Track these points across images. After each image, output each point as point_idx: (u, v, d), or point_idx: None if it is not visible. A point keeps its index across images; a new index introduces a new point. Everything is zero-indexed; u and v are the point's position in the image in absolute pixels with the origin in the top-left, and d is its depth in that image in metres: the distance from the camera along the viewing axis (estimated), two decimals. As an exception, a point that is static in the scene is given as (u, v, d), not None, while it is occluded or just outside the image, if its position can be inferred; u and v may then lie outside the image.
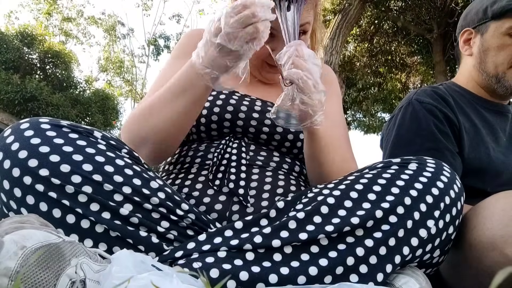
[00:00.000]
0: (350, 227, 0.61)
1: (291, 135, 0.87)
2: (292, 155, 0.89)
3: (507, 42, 1.03)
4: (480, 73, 1.09)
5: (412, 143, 1.00)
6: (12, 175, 0.57)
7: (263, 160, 0.84)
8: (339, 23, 5.04)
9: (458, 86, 1.14)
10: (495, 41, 1.04)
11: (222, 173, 0.79)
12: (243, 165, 0.80)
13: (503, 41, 1.03)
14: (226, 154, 0.82)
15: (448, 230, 0.67)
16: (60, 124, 0.64)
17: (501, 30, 1.04)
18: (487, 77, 1.07)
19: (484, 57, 1.07)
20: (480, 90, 1.11)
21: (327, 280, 0.58)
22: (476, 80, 1.11)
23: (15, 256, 0.44)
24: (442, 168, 0.70)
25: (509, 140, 1.09)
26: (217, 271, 0.56)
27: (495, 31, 1.05)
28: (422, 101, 1.04)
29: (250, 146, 0.86)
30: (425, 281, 0.62)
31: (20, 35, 12.54)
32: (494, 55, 1.05)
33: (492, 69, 1.05)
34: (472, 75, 1.12)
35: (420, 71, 8.08)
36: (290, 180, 0.83)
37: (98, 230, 0.59)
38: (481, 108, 1.09)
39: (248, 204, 0.75)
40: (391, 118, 1.13)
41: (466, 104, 1.08)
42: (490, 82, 1.07)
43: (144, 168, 0.68)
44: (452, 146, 0.99)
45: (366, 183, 0.67)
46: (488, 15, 1.07)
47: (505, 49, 1.03)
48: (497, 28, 1.05)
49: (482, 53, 1.07)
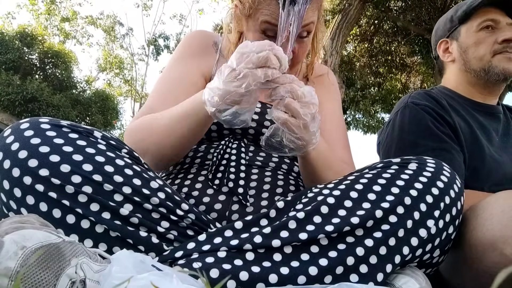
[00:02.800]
0: (350, 227, 0.61)
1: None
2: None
3: (481, 36, 1.09)
4: (467, 73, 1.12)
5: (417, 145, 1.01)
6: (12, 175, 0.57)
7: (263, 160, 0.84)
8: (339, 23, 5.04)
9: (449, 90, 1.16)
10: (471, 39, 1.10)
11: (221, 172, 0.79)
12: (242, 165, 0.80)
13: (478, 36, 1.09)
14: (225, 154, 0.82)
15: (448, 230, 0.67)
16: (60, 124, 0.64)
17: (472, 30, 1.10)
18: (475, 74, 1.10)
19: (466, 57, 1.12)
20: (471, 91, 1.13)
21: (327, 280, 0.58)
22: (466, 82, 1.14)
23: (15, 256, 0.45)
24: (442, 167, 0.70)
25: (501, 140, 1.10)
26: (217, 271, 0.56)
27: (467, 32, 1.12)
28: (418, 103, 1.06)
29: (250, 147, 0.86)
30: (425, 281, 0.62)
31: (20, 35, 12.55)
32: (474, 51, 1.10)
33: (477, 64, 1.09)
34: (459, 78, 1.15)
35: (420, 71, 8.08)
36: (289, 180, 0.83)
37: (98, 230, 0.59)
38: (473, 110, 1.11)
39: (248, 203, 0.75)
40: (388, 123, 1.14)
41: (459, 106, 1.10)
42: (480, 77, 1.10)
43: (144, 168, 0.68)
44: (456, 144, 1.00)
45: (366, 183, 0.67)
46: (456, 22, 1.15)
47: (482, 42, 1.08)
48: (468, 29, 1.12)
49: (463, 54, 1.13)
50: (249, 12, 0.82)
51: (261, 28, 0.82)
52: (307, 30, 0.84)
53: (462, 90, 1.14)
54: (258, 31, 0.83)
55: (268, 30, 0.82)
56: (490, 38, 1.07)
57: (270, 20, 0.80)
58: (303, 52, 0.89)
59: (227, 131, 0.87)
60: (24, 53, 12.60)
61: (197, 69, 0.94)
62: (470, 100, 1.13)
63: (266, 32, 0.82)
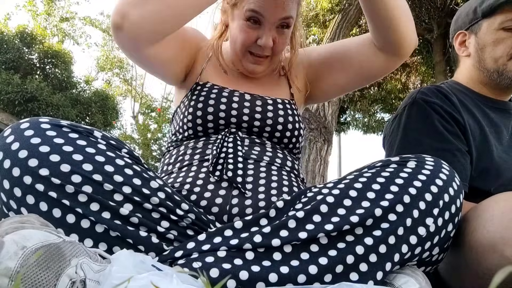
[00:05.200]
0: (349, 226, 0.61)
1: (280, 126, 0.91)
2: (283, 145, 0.92)
3: (501, 36, 1.04)
4: (480, 71, 1.09)
5: (420, 143, 0.99)
6: (12, 175, 0.57)
7: (257, 154, 0.86)
8: (339, 23, 5.04)
9: (460, 85, 1.13)
10: (490, 37, 1.06)
11: (221, 165, 0.80)
12: (239, 157, 0.82)
13: (498, 35, 1.04)
14: (223, 148, 0.84)
15: (447, 228, 0.67)
16: (60, 124, 0.64)
17: (494, 26, 1.05)
18: (488, 74, 1.07)
19: (482, 55, 1.08)
20: (482, 89, 1.11)
21: (327, 279, 0.58)
22: (478, 79, 1.11)
23: (15, 256, 0.45)
24: (441, 166, 0.70)
25: (511, 138, 1.08)
26: (217, 271, 0.56)
27: (488, 28, 1.06)
28: (427, 100, 1.03)
29: (245, 141, 0.88)
30: (425, 281, 0.62)
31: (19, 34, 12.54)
32: (491, 50, 1.06)
33: (492, 65, 1.06)
34: (472, 75, 1.12)
35: (420, 71, 8.07)
36: (283, 176, 0.84)
37: (98, 230, 0.59)
38: (484, 106, 1.09)
39: (246, 192, 0.76)
40: (395, 118, 1.11)
41: (470, 102, 1.07)
42: (492, 78, 1.07)
43: (144, 168, 0.68)
44: (462, 145, 0.98)
45: (365, 182, 0.67)
46: (479, 15, 1.08)
47: (501, 43, 1.04)
48: (490, 25, 1.06)
49: (479, 51, 1.08)
50: (235, 0, 0.90)
51: (246, 16, 0.88)
52: (286, 23, 0.90)
53: (473, 86, 1.11)
54: (242, 18, 0.89)
55: (252, 17, 0.88)
56: (510, 39, 1.03)
57: (254, 8, 0.86)
58: (283, 42, 0.93)
59: (222, 126, 0.89)
60: (24, 52, 12.59)
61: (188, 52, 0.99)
62: (482, 96, 1.10)
63: (250, 20, 0.88)
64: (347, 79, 1.03)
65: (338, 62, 1.02)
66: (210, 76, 0.98)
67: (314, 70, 1.05)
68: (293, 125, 0.93)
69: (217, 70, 1.00)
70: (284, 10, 0.87)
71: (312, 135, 3.55)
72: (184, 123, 0.91)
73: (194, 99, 0.91)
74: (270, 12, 0.86)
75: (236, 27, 0.92)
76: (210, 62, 1.01)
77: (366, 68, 1.00)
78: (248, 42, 0.91)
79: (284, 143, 0.93)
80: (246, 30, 0.90)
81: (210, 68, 1.00)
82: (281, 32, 0.91)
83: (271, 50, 0.92)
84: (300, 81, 1.06)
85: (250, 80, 1.01)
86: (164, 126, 11.09)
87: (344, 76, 1.03)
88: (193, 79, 0.98)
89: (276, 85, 1.03)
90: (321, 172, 3.47)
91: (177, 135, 0.95)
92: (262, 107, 0.92)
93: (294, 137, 0.93)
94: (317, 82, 1.06)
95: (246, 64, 0.96)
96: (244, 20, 0.89)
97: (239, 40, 0.92)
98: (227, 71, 0.99)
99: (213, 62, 1.01)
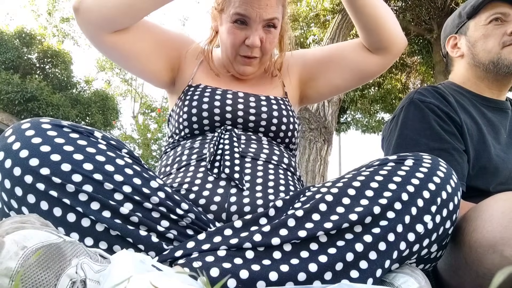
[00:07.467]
0: (348, 224, 0.61)
1: (275, 119, 0.92)
2: (279, 140, 0.93)
3: (490, 29, 1.08)
4: (476, 66, 1.11)
5: (417, 143, 1.00)
6: (13, 174, 0.57)
7: (254, 152, 0.86)
8: (339, 23, 5.04)
9: (457, 85, 1.14)
10: (479, 32, 1.10)
11: (218, 162, 0.81)
12: (236, 153, 0.83)
13: (486, 29, 1.09)
14: (220, 145, 0.85)
15: (445, 225, 0.67)
16: (61, 124, 0.64)
17: (481, 24, 1.10)
18: (484, 67, 1.09)
19: (475, 50, 1.10)
20: (480, 87, 1.12)
21: (327, 277, 0.58)
22: (474, 76, 1.12)
23: (15, 256, 0.45)
24: (438, 163, 0.70)
25: (509, 137, 1.08)
26: (217, 270, 0.56)
27: (476, 25, 1.11)
28: (424, 100, 1.04)
29: (241, 138, 0.89)
30: (424, 280, 0.62)
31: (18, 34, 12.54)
32: (482, 43, 1.09)
33: (486, 57, 1.08)
34: (468, 74, 1.13)
35: (420, 71, 8.07)
36: (279, 174, 0.84)
37: (99, 229, 0.59)
38: (481, 106, 1.09)
39: (244, 188, 0.76)
40: (393, 118, 1.12)
41: (467, 102, 1.08)
42: (488, 70, 1.08)
43: (144, 168, 0.68)
44: (459, 144, 0.99)
45: (363, 180, 0.68)
46: (464, 17, 1.14)
47: (491, 35, 1.08)
48: (476, 23, 1.11)
49: (471, 48, 1.11)
50: (222, 6, 0.93)
51: (232, 18, 0.91)
52: (272, 23, 0.93)
53: (470, 86, 1.13)
54: (229, 21, 0.92)
55: (238, 20, 0.91)
56: (499, 30, 1.06)
57: (239, 11, 0.90)
58: (270, 42, 0.95)
59: (218, 123, 0.90)
60: (23, 52, 12.59)
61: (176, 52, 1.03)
62: (479, 96, 1.11)
63: (237, 21, 0.91)
64: (342, 79, 1.06)
65: (334, 62, 1.05)
66: (202, 79, 1.01)
67: (308, 70, 1.07)
68: (287, 119, 0.94)
69: (209, 73, 1.02)
70: (267, 12, 0.90)
71: (312, 135, 3.55)
72: (180, 122, 0.92)
73: (188, 99, 0.93)
74: (254, 14, 0.89)
75: (224, 30, 0.95)
76: (202, 66, 1.03)
77: (361, 69, 1.05)
78: (237, 42, 0.93)
79: (280, 137, 0.94)
80: (234, 31, 0.92)
81: (202, 72, 1.02)
82: (268, 32, 0.94)
83: (260, 50, 0.95)
84: (294, 82, 1.07)
85: (243, 82, 1.03)
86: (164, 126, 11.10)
87: (339, 76, 1.06)
88: (185, 82, 1.00)
89: (269, 85, 1.05)
90: (321, 172, 3.47)
91: (173, 137, 0.96)
92: (256, 102, 0.94)
93: (289, 131, 0.94)
94: (312, 82, 1.08)
95: (237, 66, 0.98)
96: (231, 23, 0.92)
97: (229, 42, 0.94)
98: (219, 74, 1.02)
99: (205, 66, 1.03)
